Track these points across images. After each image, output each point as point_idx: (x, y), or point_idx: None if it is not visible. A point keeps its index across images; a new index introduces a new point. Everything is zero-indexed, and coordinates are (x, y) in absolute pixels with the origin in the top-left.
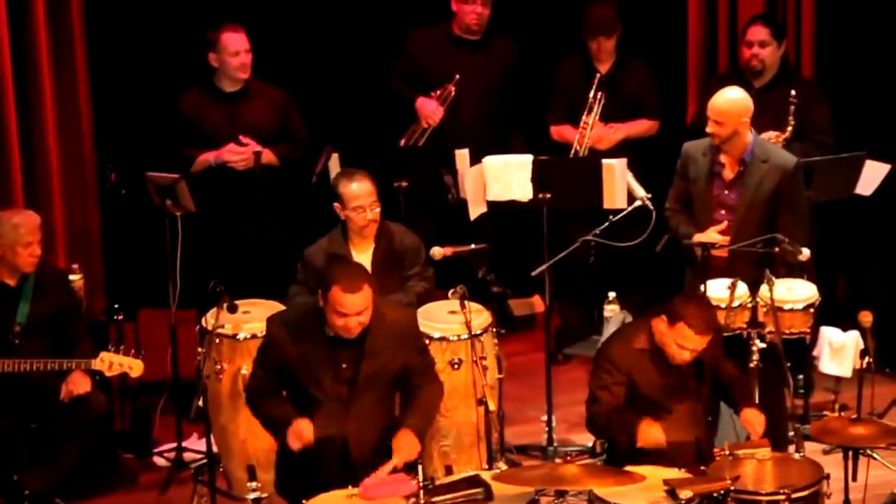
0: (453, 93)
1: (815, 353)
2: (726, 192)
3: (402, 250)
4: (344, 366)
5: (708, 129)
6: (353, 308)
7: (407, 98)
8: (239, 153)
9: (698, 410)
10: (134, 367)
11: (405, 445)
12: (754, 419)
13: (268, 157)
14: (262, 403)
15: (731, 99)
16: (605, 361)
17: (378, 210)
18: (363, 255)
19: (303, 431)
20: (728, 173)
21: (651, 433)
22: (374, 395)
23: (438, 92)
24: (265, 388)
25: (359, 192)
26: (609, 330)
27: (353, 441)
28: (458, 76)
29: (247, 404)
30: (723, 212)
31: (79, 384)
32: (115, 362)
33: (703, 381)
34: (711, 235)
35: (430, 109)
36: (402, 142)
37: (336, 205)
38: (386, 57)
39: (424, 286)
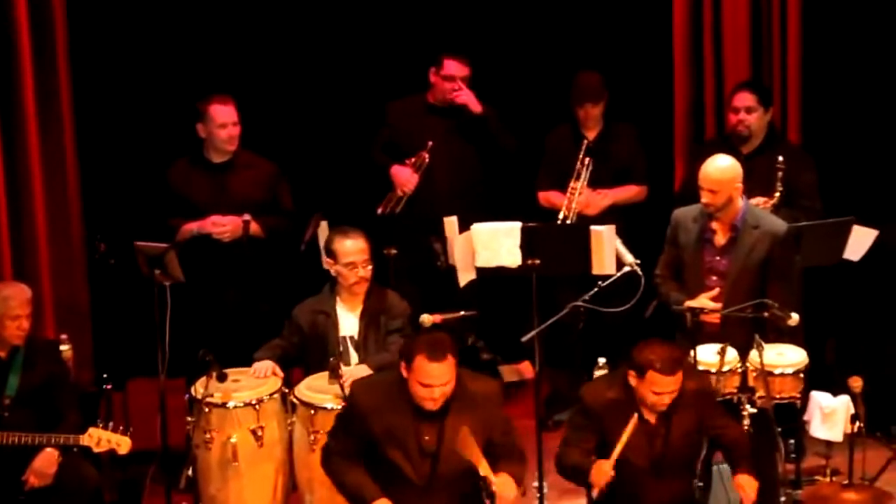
0: (427, 160)
1: (805, 417)
2: (717, 258)
3: (389, 312)
4: (427, 438)
5: (703, 200)
6: (437, 378)
7: (384, 167)
8: (222, 225)
9: (675, 463)
10: (122, 444)
11: (504, 484)
12: (747, 485)
13: (254, 228)
14: (341, 468)
15: (723, 167)
16: (580, 403)
17: (370, 268)
18: (351, 314)
19: None
20: (719, 239)
21: (601, 471)
22: (456, 469)
23: (413, 160)
24: (345, 453)
25: (352, 248)
26: None
27: None
28: (430, 143)
29: (322, 465)
30: (714, 278)
31: (40, 475)
32: (104, 438)
33: (669, 442)
34: (703, 301)
35: (405, 177)
36: (380, 210)
37: (328, 260)
38: (372, 126)
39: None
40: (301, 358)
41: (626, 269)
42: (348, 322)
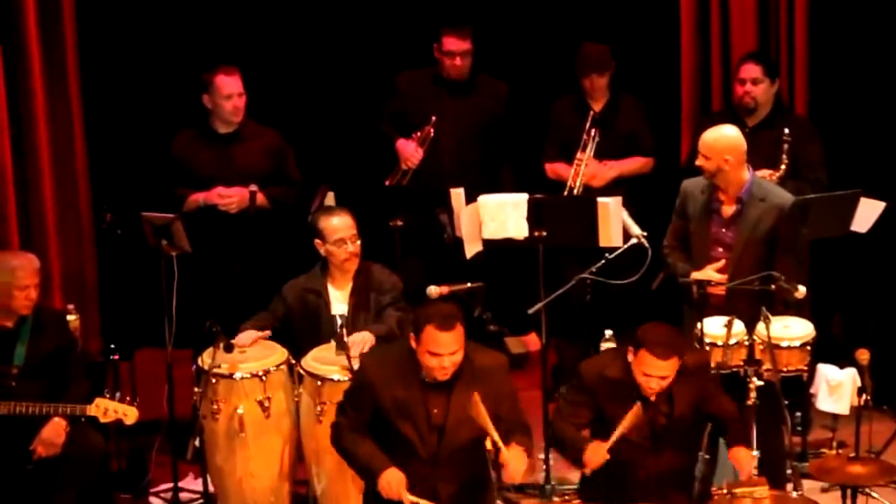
0: (432, 134)
1: (812, 390)
2: (724, 230)
3: (379, 288)
4: (435, 411)
5: (696, 162)
6: (447, 347)
7: (390, 139)
8: (228, 196)
9: (675, 438)
10: (129, 414)
11: (515, 458)
12: (743, 458)
13: (260, 199)
14: (349, 441)
15: (717, 135)
16: (576, 378)
17: (359, 244)
18: (341, 292)
19: (393, 485)
20: (726, 211)
21: (597, 453)
22: (462, 441)
23: (418, 134)
24: (354, 427)
25: (339, 224)
26: None
27: (441, 489)
28: (434, 117)
29: (332, 441)
30: (720, 249)
31: (48, 445)
32: (111, 409)
33: (673, 418)
34: (709, 273)
35: (409, 151)
36: (387, 182)
37: (317, 241)
38: (381, 97)
39: (399, 315)
40: (284, 333)
41: (633, 240)
42: (338, 301)
